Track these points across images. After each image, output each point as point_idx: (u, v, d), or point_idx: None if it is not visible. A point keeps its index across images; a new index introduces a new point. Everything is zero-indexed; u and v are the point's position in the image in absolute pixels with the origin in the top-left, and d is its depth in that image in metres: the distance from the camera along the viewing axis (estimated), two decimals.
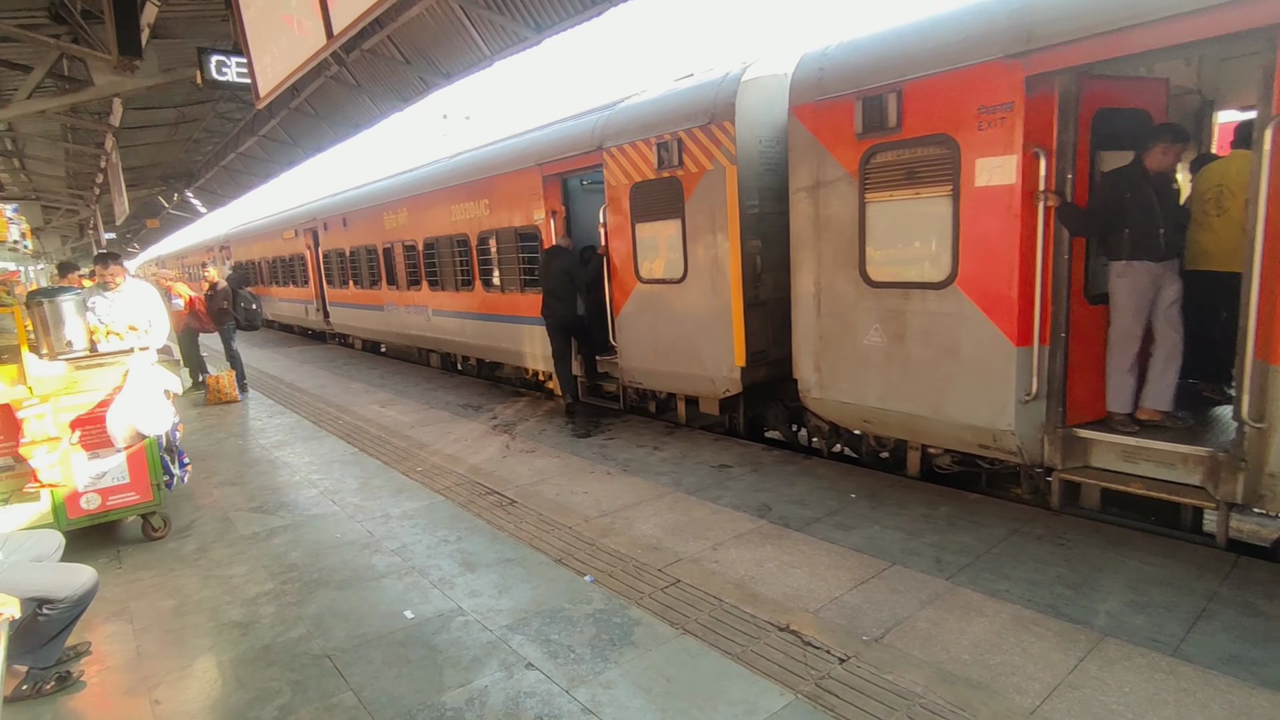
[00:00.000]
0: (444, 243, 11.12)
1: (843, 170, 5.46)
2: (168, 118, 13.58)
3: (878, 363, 5.44)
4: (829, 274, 5.69)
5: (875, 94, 5.15)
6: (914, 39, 5.05)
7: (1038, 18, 4.33)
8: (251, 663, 3.52)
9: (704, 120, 6.50)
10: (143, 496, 5.01)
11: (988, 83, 4.56)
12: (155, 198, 21.73)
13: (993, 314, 4.75)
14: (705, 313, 6.85)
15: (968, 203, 4.76)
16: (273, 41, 4.35)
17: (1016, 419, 4.71)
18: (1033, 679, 3.02)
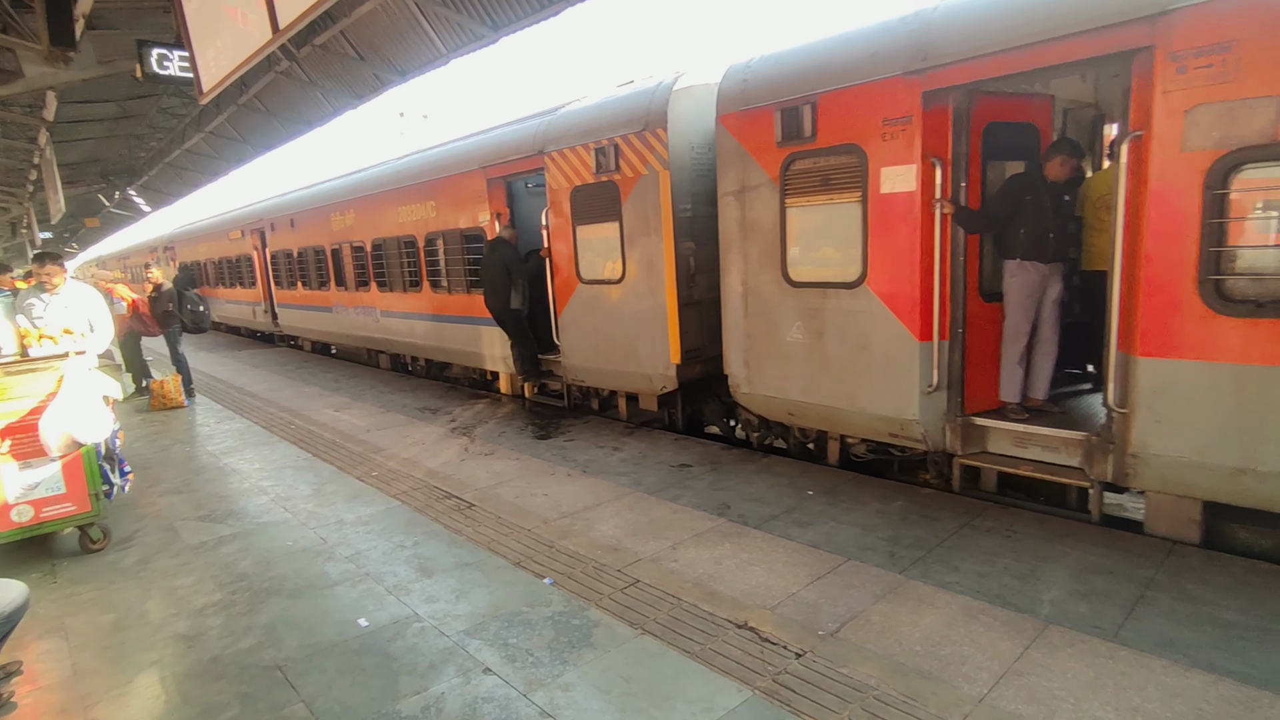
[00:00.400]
0: (392, 244, 11.15)
1: (765, 176, 5.76)
2: (108, 112, 13.06)
3: (799, 358, 5.75)
4: (755, 275, 5.98)
5: (792, 105, 5.47)
6: (826, 54, 5.39)
7: (931, 38, 4.71)
8: (198, 676, 3.40)
9: (639, 127, 6.73)
10: (80, 507, 4.80)
11: (890, 97, 4.91)
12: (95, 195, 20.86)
13: (898, 312, 5.08)
14: (642, 312, 7.05)
15: (875, 208, 5.11)
16: (216, 35, 4.21)
17: (920, 409, 5.05)
18: (981, 668, 3.10)
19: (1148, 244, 4.03)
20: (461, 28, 8.86)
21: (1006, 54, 4.38)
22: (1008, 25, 4.40)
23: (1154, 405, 4.10)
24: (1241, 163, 3.68)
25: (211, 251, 20.35)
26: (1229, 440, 3.87)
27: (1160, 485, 4.25)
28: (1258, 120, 3.59)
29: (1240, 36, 3.61)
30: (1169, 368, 4.03)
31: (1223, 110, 3.70)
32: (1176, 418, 4.03)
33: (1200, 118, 3.77)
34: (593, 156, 7.22)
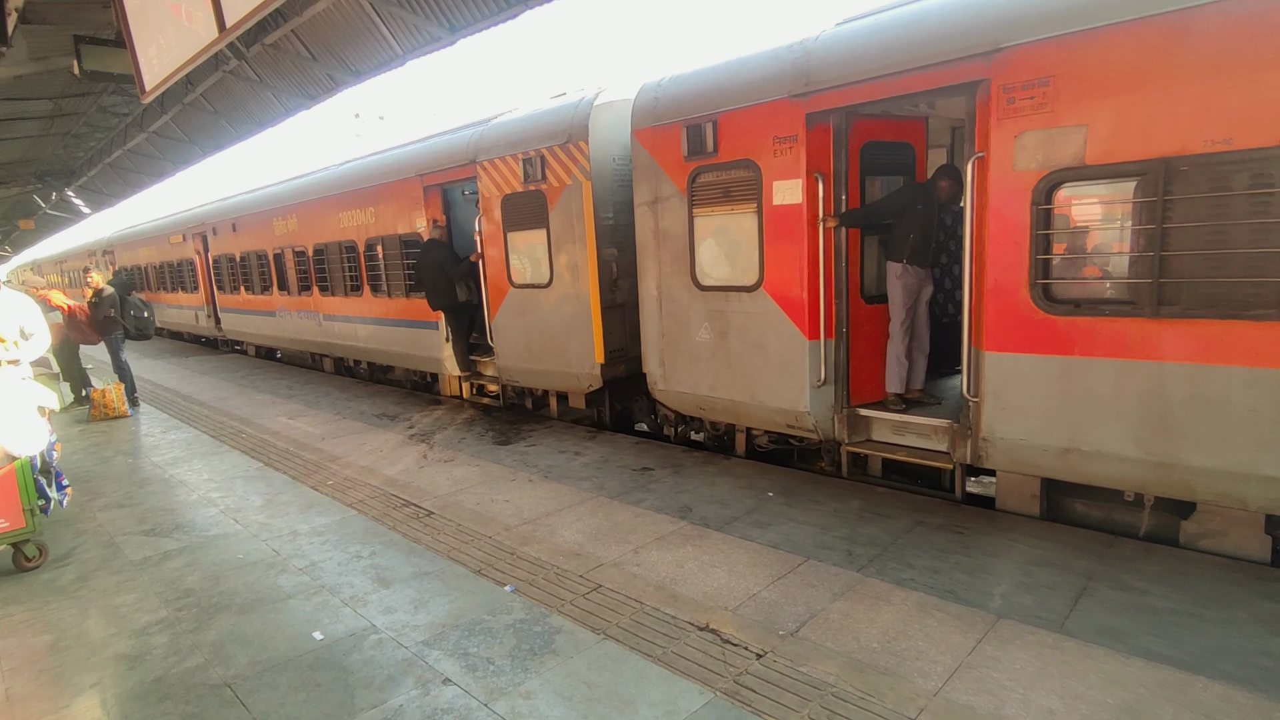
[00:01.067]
0: (333, 249, 11.31)
1: (675, 188, 6.21)
2: (42, 110, 12.52)
3: (707, 357, 6.20)
4: (667, 279, 6.43)
5: (697, 122, 5.92)
6: (726, 76, 5.83)
7: (812, 65, 5.20)
8: (141, 698, 3.28)
9: (563, 139, 7.08)
10: (13, 524, 4.57)
11: (779, 117, 5.39)
12: (30, 196, 19.97)
13: (790, 313, 5.57)
14: (569, 314, 7.41)
15: (768, 218, 5.59)
16: (159, 32, 4.08)
17: (811, 402, 5.56)
18: (935, 662, 3.18)
19: (990, 252, 4.53)
20: (418, 29, 8.76)
21: (874, 81, 4.88)
22: (874, 56, 4.90)
23: (999, 394, 4.61)
24: (1060, 182, 4.21)
25: (152, 255, 19.97)
26: (1058, 424, 4.39)
27: (1007, 465, 4.75)
28: (1071, 145, 4.12)
29: (1056, 73, 4.13)
30: (1009, 361, 4.54)
31: (1044, 136, 4.21)
32: (1017, 405, 4.55)
33: (1026, 142, 4.28)
34: (521, 167, 7.57)
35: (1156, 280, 3.95)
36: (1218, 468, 3.89)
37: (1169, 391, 3.99)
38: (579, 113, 6.99)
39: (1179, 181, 3.84)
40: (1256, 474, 3.79)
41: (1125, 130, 3.95)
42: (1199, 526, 4.26)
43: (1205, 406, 3.89)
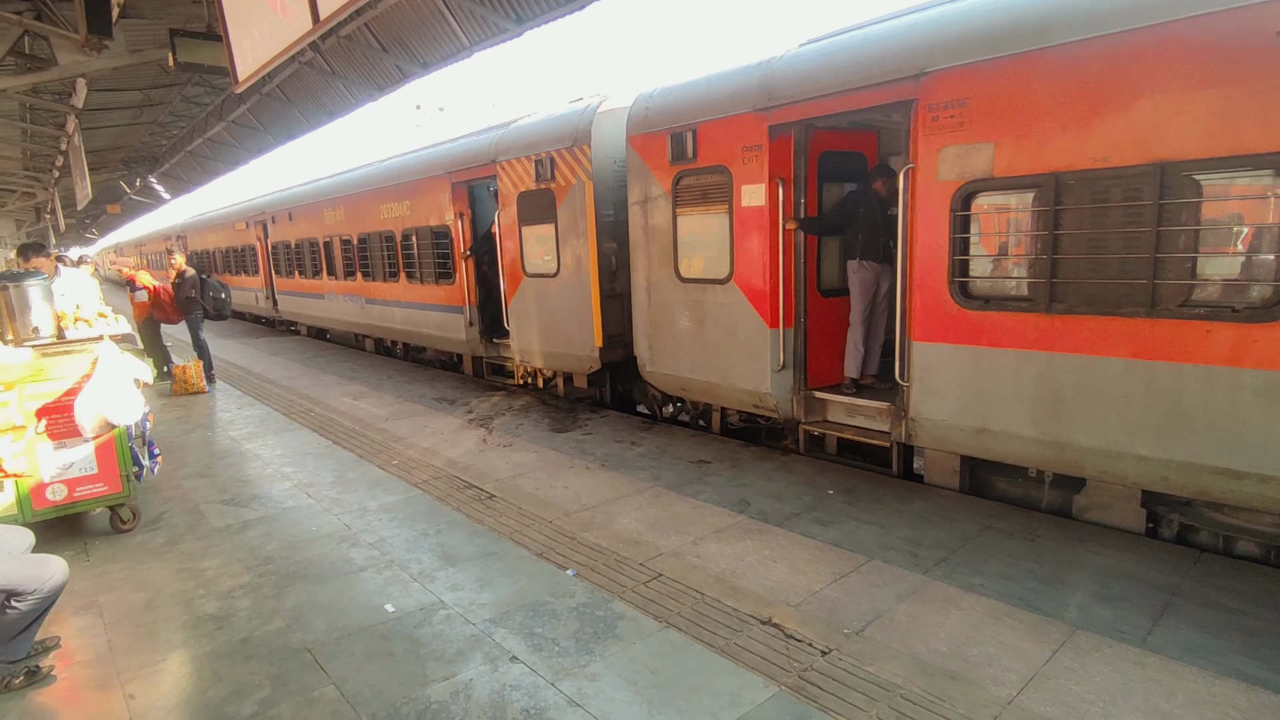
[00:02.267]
0: (374, 238, 12.28)
1: (662, 189, 6.82)
2: (132, 100, 13.17)
3: (688, 342, 6.81)
4: (655, 272, 7.04)
5: (680, 131, 6.52)
6: (705, 89, 6.42)
7: (775, 82, 5.75)
8: (229, 656, 3.46)
9: (569, 143, 7.74)
10: (111, 488, 4.88)
11: (747, 128, 5.94)
12: (117, 182, 21.07)
13: (755, 304, 6.12)
14: (572, 302, 8.05)
15: (738, 218, 6.16)
16: (254, 25, 4.26)
17: (772, 384, 6.10)
18: (1009, 670, 3.11)
19: (918, 252, 5.02)
20: (486, 21, 8.87)
21: (827, 98, 5.42)
22: (826, 75, 5.43)
23: (924, 379, 5.12)
24: (973, 191, 4.70)
25: (220, 241, 21.38)
26: (971, 407, 4.89)
27: (931, 443, 5.26)
28: (982, 159, 4.62)
29: (971, 96, 4.63)
30: (932, 350, 5.05)
31: (961, 151, 4.71)
32: (938, 389, 5.05)
33: (947, 155, 4.78)
34: (534, 167, 8.26)
35: (1049, 280, 4.41)
36: (1100, 447, 4.35)
37: (1059, 379, 4.46)
38: (583, 119, 7.63)
39: (1067, 194, 4.30)
40: (1131, 453, 4.23)
41: (1024, 147, 4.44)
42: (1088, 500, 4.76)
43: (1089, 393, 4.35)
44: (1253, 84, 3.60)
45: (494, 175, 8.98)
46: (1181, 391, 4.00)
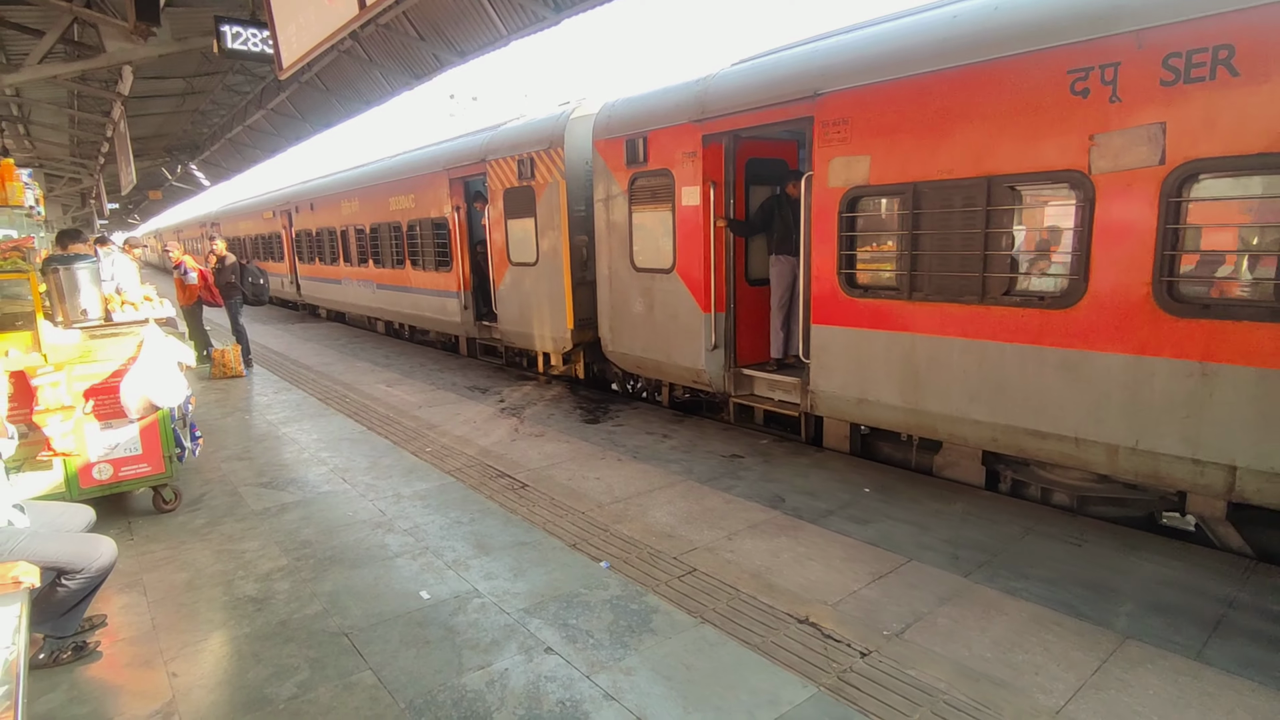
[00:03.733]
0: (384, 228, 13.23)
1: (620, 189, 7.61)
2: (176, 88, 13.43)
3: (641, 324, 7.60)
4: (615, 262, 7.83)
5: (634, 137, 7.32)
6: (655, 101, 7.23)
7: (708, 97, 6.56)
8: (268, 638, 3.51)
9: (546, 145, 8.57)
10: (155, 468, 4.98)
11: (686, 136, 6.75)
12: (159, 169, 21.54)
13: (693, 291, 6.94)
14: (548, 288, 8.90)
15: (679, 216, 6.98)
16: (299, 11, 4.27)
17: (706, 362, 6.94)
18: (1057, 679, 3.01)
19: (815, 247, 5.81)
20: (524, 9, 8.85)
21: (748, 112, 6.19)
22: (746, 93, 6.23)
23: (820, 357, 5.90)
24: (855, 196, 5.46)
25: (250, 228, 22.65)
26: (855, 380, 5.66)
27: (827, 412, 6.03)
28: (861, 169, 5.37)
29: (851, 116, 5.40)
30: (826, 332, 5.82)
31: (845, 162, 5.45)
32: (830, 366, 5.83)
33: (835, 165, 5.53)
34: (517, 166, 9.12)
35: (910, 272, 5.15)
36: (947, 414, 5.09)
37: (918, 356, 5.20)
38: (558, 124, 8.46)
39: (923, 200, 5.02)
40: (969, 418, 4.97)
41: (891, 160, 5.18)
42: (943, 459, 5.59)
43: (938, 368, 5.09)
44: (1050, 112, 4.36)
45: (484, 173, 9.86)
46: (1003, 366, 4.75)
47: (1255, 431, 3.80)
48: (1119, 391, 4.23)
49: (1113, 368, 4.24)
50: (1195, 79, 3.84)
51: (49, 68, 8.35)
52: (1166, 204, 3.98)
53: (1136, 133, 4.04)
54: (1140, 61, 4.00)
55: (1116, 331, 4.21)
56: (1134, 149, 4.05)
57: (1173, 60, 3.90)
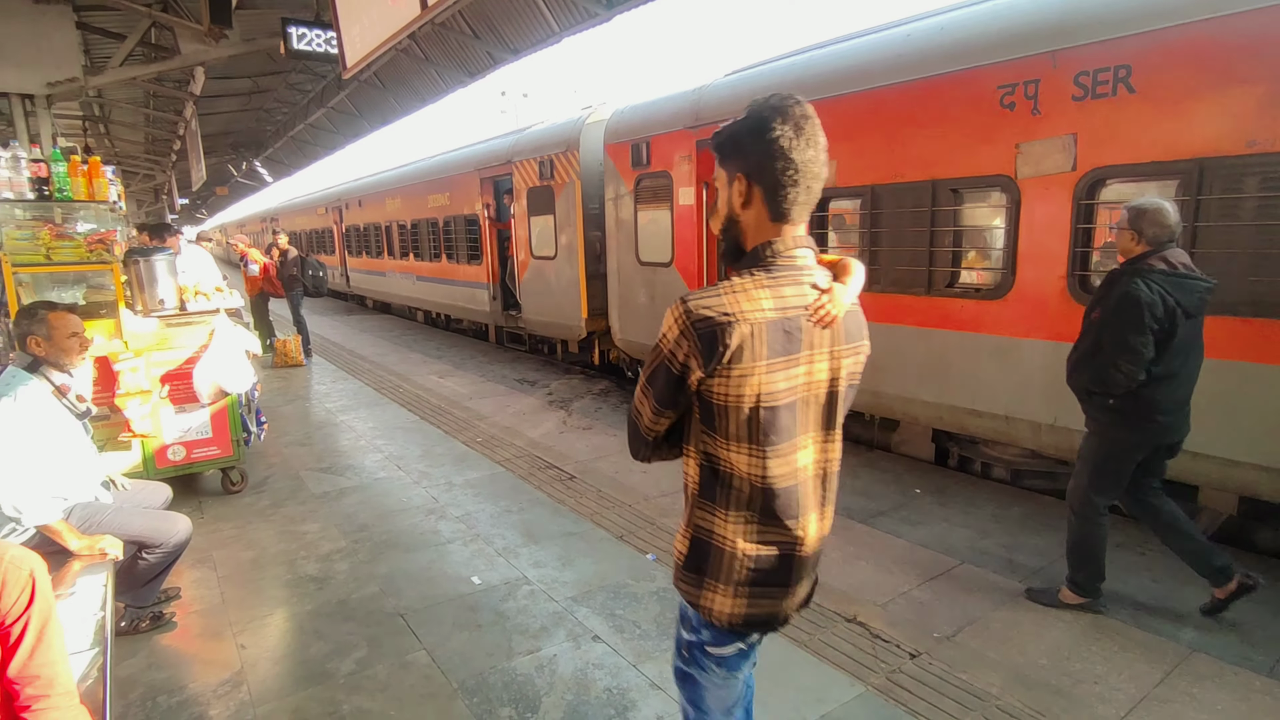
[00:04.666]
0: (423, 224, 14.30)
1: (627, 189, 8.19)
2: (243, 87, 13.95)
3: (644, 314, 8.10)
4: (623, 256, 8.43)
5: (638, 142, 7.93)
6: (656, 109, 7.86)
7: (701, 106, 7.12)
8: (328, 616, 3.65)
9: (563, 148, 9.31)
10: (223, 451, 5.23)
11: (682, 141, 7.29)
12: (225, 165, 22.43)
13: (688, 283, 7.44)
14: (566, 280, 9.59)
15: (677, 214, 7.51)
16: (363, 13, 4.41)
17: None
18: (1117, 689, 2.92)
19: None
20: (576, 6, 8.90)
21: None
22: (734, 102, 6.56)
23: None
24: (825, 198, 5.77)
25: (305, 223, 24.52)
26: None
27: None
28: (832, 172, 5.53)
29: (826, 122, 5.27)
30: None
31: None
32: None
33: None
34: (538, 167, 9.86)
35: (869, 267, 5.28)
36: (901, 395, 5.56)
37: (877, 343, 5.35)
38: (574, 129, 9.18)
39: (880, 201, 5.52)
40: (919, 399, 5.47)
41: (855, 165, 5.65)
42: (899, 437, 6.13)
43: (894, 354, 5.48)
44: (984, 122, 4.82)
45: (510, 173, 10.70)
46: (947, 352, 5.21)
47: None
48: (1040, 374, 4.67)
49: (1035, 353, 4.71)
50: (1100, 95, 4.26)
51: (129, 70, 8.77)
52: (1078, 206, 4.44)
53: (1053, 142, 4.51)
54: (1056, 78, 4.45)
55: (1038, 320, 4.68)
56: (1051, 156, 4.53)
57: (1082, 78, 4.33)
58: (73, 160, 4.90)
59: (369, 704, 2.95)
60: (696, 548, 1.71)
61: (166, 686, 3.12)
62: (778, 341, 1.51)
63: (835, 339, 1.60)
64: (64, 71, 6.82)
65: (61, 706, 1.70)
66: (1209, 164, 3.88)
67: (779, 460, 1.59)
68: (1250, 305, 3.79)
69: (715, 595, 1.68)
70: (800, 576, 1.73)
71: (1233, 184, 3.86)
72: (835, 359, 1.62)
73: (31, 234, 4.76)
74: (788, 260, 1.55)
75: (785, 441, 1.59)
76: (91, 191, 4.88)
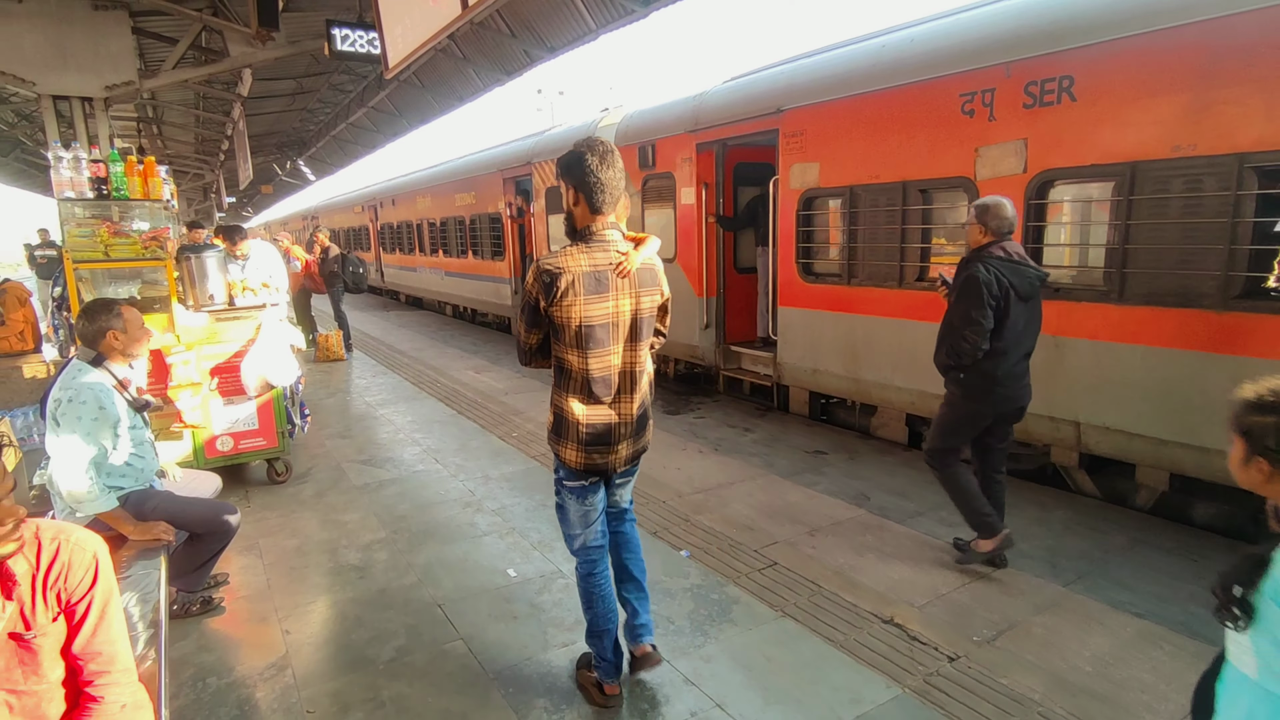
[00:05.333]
0: (451, 222, 15.18)
1: (635, 189, 8.75)
2: (287, 88, 14.30)
3: None
4: None
5: (645, 145, 8.56)
6: (661, 114, 8.48)
7: (700, 112, 7.70)
8: (369, 603, 3.75)
9: None
10: (269, 443, 5.39)
11: (684, 144, 7.90)
12: (270, 165, 23.03)
13: (690, 277, 8.00)
14: None
15: (679, 213, 8.11)
16: (405, 13, 4.49)
17: (700, 339, 8.08)
18: (1165, 699, 2.84)
19: (780, 240, 6.83)
20: (613, 2, 8.90)
21: (730, 125, 7.29)
22: (729, 108, 7.33)
23: (785, 335, 6.96)
24: (810, 197, 6.49)
25: (342, 221, 25.95)
26: (810, 354, 6.68)
27: (791, 382, 7.10)
28: (813, 174, 6.39)
29: (805, 128, 6.41)
30: (789, 313, 6.86)
31: (802, 167, 6.48)
32: (792, 341, 6.88)
33: (795, 170, 6.56)
34: (554, 167, 9.94)
35: (848, 261, 6.12)
36: (878, 381, 6.02)
37: (855, 333, 6.14)
38: (585, 132, 9.89)
39: (858, 200, 6.02)
40: (894, 385, 5.91)
41: (835, 167, 6.18)
42: (878, 420, 6.49)
43: (870, 343, 6.01)
44: (948, 128, 5.26)
45: (530, 174, 11.56)
46: (916, 341, 5.53)
47: (1093, 393, 4.62)
48: None
49: None
50: (1047, 103, 4.65)
51: (181, 73, 9.06)
52: (1029, 205, 4.79)
53: (1007, 146, 4.91)
54: (1009, 88, 4.85)
55: None
56: (1005, 159, 4.94)
57: (1031, 87, 4.72)
58: (129, 160, 5.09)
59: (408, 690, 3.02)
60: (555, 419, 2.71)
61: (216, 668, 3.23)
62: (591, 285, 2.48)
63: (633, 285, 2.58)
64: (121, 75, 7.08)
65: (122, 683, 1.78)
66: (1140, 167, 4.24)
67: (597, 360, 2.56)
68: (1177, 297, 4.17)
69: (567, 449, 2.67)
70: (620, 439, 2.68)
71: (1160, 185, 4.20)
72: (635, 298, 2.60)
73: (91, 231, 4.97)
74: (600, 238, 2.54)
75: (600, 349, 2.55)
76: (146, 190, 5.07)
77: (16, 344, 7.48)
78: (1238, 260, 3.90)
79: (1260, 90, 3.71)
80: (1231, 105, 3.83)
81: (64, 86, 6.83)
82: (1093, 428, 4.63)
